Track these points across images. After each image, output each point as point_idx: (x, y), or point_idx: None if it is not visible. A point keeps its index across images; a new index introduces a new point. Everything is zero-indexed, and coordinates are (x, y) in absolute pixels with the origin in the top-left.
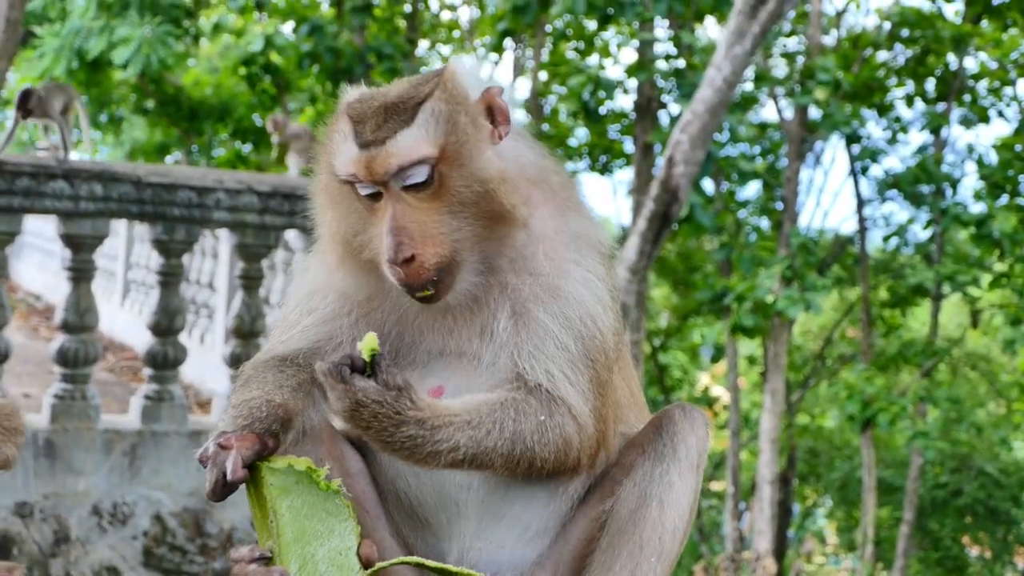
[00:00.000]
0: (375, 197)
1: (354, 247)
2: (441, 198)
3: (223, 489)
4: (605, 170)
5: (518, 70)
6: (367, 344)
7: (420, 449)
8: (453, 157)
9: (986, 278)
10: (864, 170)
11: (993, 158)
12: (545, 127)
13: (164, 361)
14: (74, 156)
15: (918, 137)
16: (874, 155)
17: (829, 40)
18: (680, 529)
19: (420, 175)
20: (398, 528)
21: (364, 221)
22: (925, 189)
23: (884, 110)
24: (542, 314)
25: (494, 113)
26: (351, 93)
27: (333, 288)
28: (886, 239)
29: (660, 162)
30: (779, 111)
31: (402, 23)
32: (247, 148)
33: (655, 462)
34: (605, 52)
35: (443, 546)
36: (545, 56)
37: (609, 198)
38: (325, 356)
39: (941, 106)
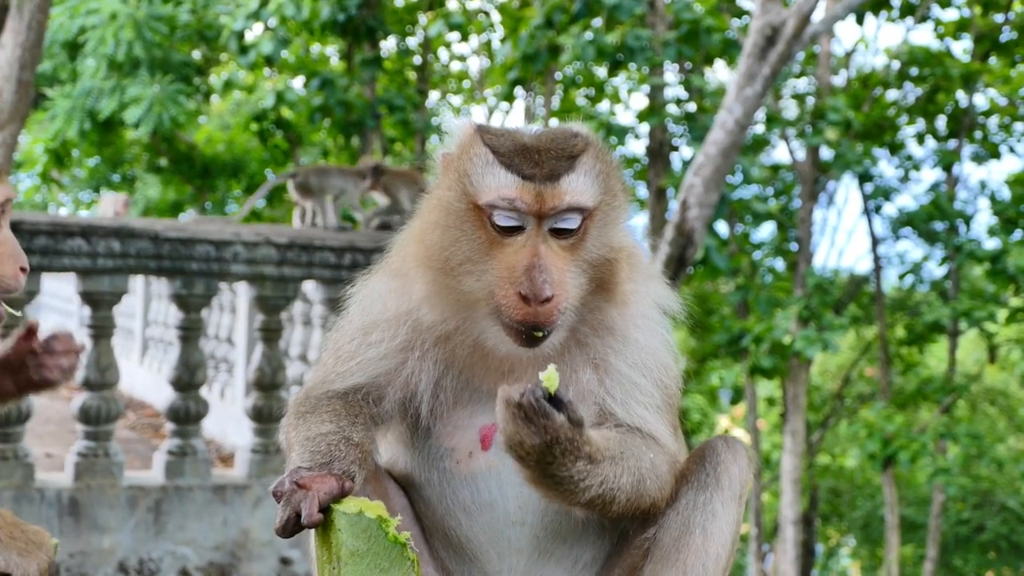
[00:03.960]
0: (512, 231)
1: (455, 276)
2: (576, 252)
3: (294, 528)
4: None
5: (529, 118)
6: (551, 377)
7: (580, 483)
8: (600, 216)
9: (1002, 313)
10: (877, 209)
11: (1006, 194)
12: None
13: (186, 416)
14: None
15: (930, 175)
16: (887, 193)
17: (839, 80)
18: (723, 557)
19: (574, 221)
20: (443, 564)
21: (481, 251)
22: (939, 226)
23: (896, 148)
24: (623, 365)
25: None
26: (471, 122)
27: (405, 321)
28: (901, 277)
29: (674, 206)
30: (791, 152)
31: (412, 75)
32: (261, 203)
33: (698, 491)
34: (615, 98)
35: None
36: (556, 104)
37: None
38: (383, 391)
39: (952, 143)
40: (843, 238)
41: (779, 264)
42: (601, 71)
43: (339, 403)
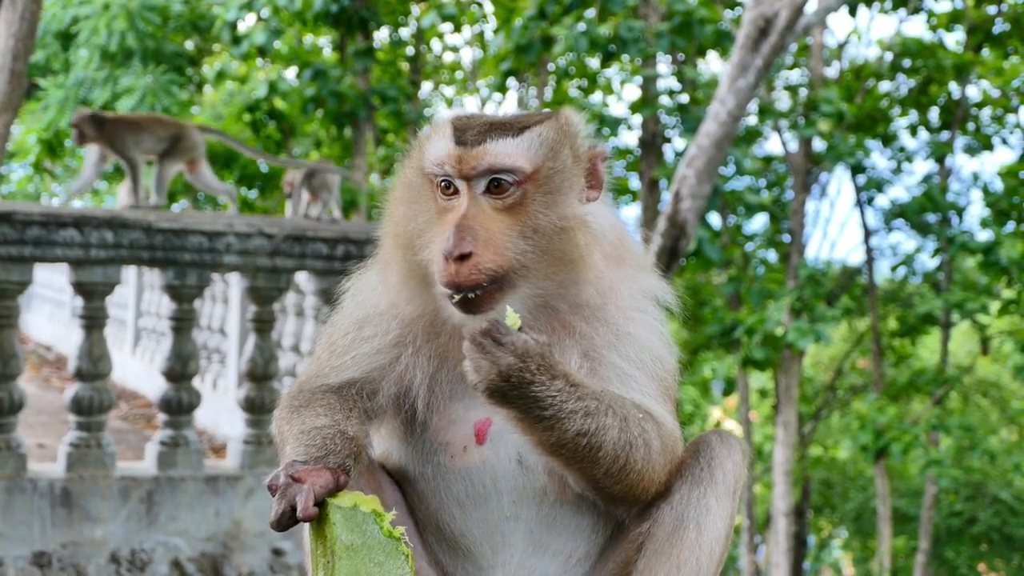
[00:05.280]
0: (452, 195)
1: (415, 250)
2: (517, 215)
3: (289, 522)
4: None
5: (522, 109)
6: (511, 317)
7: (563, 406)
8: (543, 182)
9: (995, 305)
10: (870, 200)
11: (998, 185)
12: None
13: (179, 407)
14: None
15: (923, 166)
16: (879, 185)
17: (832, 72)
18: (717, 552)
19: (504, 184)
20: (436, 558)
21: (432, 222)
22: (931, 218)
23: (888, 140)
24: (617, 358)
25: (594, 174)
26: (456, 111)
27: (395, 315)
28: (894, 269)
29: (666, 197)
30: (783, 144)
31: (405, 66)
32: (253, 194)
33: (692, 486)
34: (608, 89)
35: (484, 575)
36: (549, 95)
37: None
38: (377, 386)
39: (945, 135)
40: (835, 230)
41: (771, 256)
42: (594, 62)
43: (333, 397)
